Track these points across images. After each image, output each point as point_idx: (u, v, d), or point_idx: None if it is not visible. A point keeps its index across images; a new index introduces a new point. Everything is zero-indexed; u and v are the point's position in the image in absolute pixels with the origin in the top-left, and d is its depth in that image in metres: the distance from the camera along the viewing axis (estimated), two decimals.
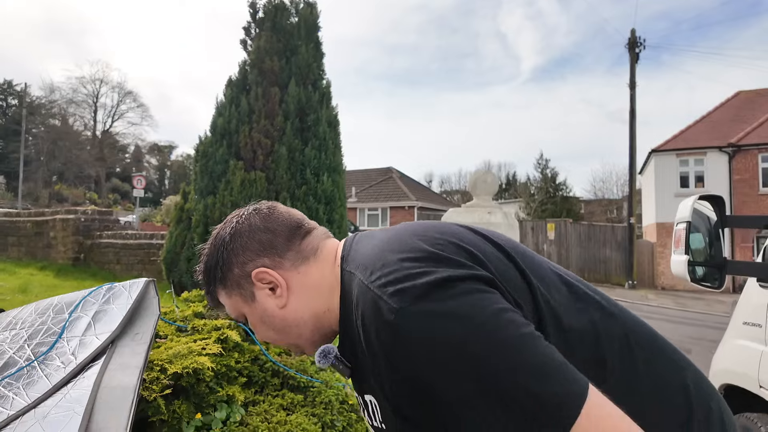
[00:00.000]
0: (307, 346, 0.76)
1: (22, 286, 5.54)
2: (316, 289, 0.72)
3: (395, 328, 0.53)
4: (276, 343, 0.79)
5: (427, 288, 0.54)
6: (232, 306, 0.76)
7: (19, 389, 1.80)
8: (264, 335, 0.77)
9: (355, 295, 0.63)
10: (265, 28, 3.09)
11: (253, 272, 0.71)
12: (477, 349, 0.51)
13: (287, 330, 0.74)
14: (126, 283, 2.14)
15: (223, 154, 2.86)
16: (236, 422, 2.10)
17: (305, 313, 0.72)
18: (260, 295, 0.72)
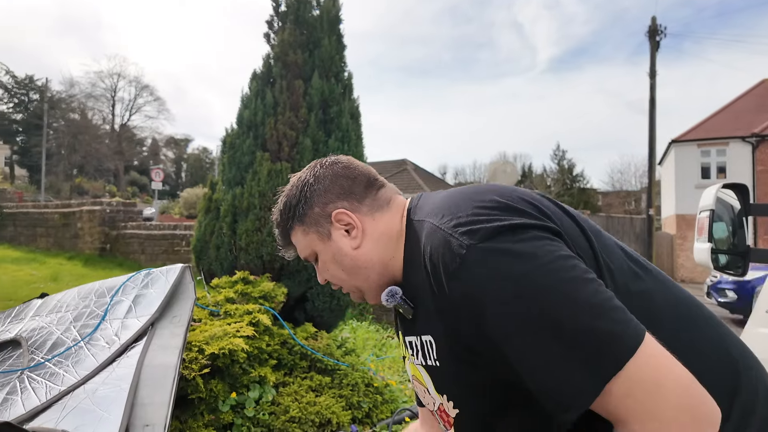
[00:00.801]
0: (371, 290, 0.79)
1: (53, 275, 5.75)
2: (386, 236, 0.76)
3: (464, 263, 0.57)
4: (341, 284, 0.81)
5: (497, 230, 0.57)
6: (306, 243, 0.80)
7: (69, 367, 1.91)
8: (332, 274, 0.80)
9: (423, 237, 0.66)
10: (289, 21, 3.14)
11: (333, 212, 0.76)
12: (540, 285, 0.54)
13: (356, 271, 0.77)
14: (163, 269, 2.25)
15: (249, 146, 2.94)
16: (268, 402, 2.20)
17: (374, 257, 0.76)
18: (336, 235, 0.77)
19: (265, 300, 2.65)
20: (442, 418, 0.77)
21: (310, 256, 0.82)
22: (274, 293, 2.71)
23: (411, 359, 0.80)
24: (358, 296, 0.82)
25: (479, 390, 0.67)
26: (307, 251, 0.81)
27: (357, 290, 0.81)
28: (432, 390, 0.76)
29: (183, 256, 6.23)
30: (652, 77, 14.35)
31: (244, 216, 2.95)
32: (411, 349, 0.78)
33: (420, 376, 0.79)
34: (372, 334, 4.06)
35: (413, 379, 0.84)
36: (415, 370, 0.81)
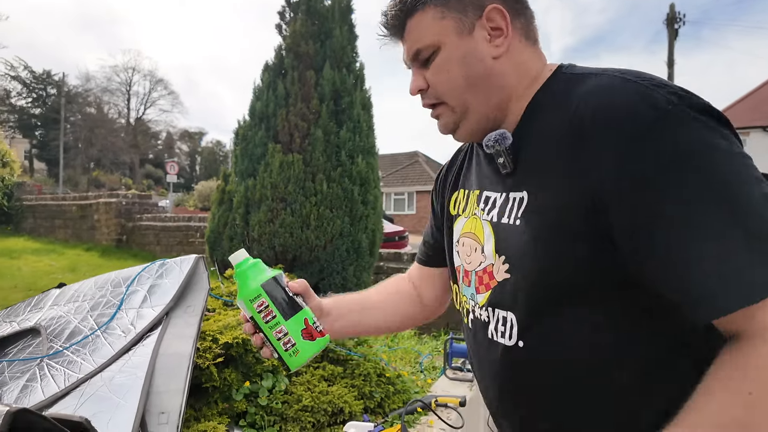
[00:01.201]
0: (477, 117, 0.68)
1: (71, 265, 5.87)
2: (525, 68, 0.67)
3: (667, 117, 0.50)
4: (443, 97, 0.69)
5: (707, 107, 0.52)
6: (434, 31, 0.67)
7: (86, 355, 1.95)
8: (448, 78, 0.67)
9: (590, 87, 0.57)
10: (301, 11, 3.12)
11: (489, 5, 0.65)
12: (740, 171, 0.49)
13: (480, 85, 0.66)
14: (177, 260, 2.27)
15: (261, 138, 2.94)
16: (281, 391, 2.22)
17: (507, 82, 0.66)
18: (479, 34, 0.65)
19: None
20: (479, 280, 0.70)
21: (425, 50, 0.68)
22: None
23: (477, 214, 0.72)
24: (450, 121, 0.71)
25: (556, 261, 0.58)
26: (428, 41, 0.67)
27: (455, 112, 0.69)
28: (489, 249, 0.67)
29: (197, 247, 6.31)
30: (670, 66, 14.05)
31: (257, 207, 2.96)
32: (484, 204, 0.70)
33: (479, 233, 0.70)
34: None
35: (464, 236, 0.75)
36: (473, 227, 0.72)
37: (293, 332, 0.72)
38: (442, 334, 3.99)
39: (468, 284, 0.74)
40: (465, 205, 0.78)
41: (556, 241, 0.58)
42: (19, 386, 1.85)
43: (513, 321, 0.64)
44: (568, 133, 0.57)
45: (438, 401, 2.25)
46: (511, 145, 0.65)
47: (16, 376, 1.94)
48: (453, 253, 0.80)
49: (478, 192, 0.73)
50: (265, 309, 0.72)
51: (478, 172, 0.76)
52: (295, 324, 0.73)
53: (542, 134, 0.62)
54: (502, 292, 0.66)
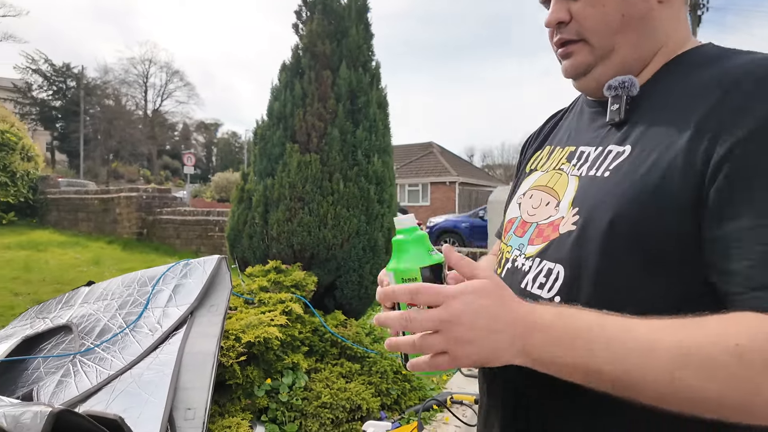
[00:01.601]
0: (619, 57, 0.62)
1: (95, 258, 6.03)
2: (679, 25, 0.63)
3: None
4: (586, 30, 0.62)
5: None
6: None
7: (116, 352, 2.04)
8: (603, 11, 0.61)
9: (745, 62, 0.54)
10: (317, 11, 3.14)
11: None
12: None
13: (632, 25, 0.61)
14: (201, 260, 2.35)
15: (279, 137, 2.99)
16: (301, 387, 2.29)
17: (658, 31, 0.61)
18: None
19: (296, 289, 2.73)
20: (539, 232, 0.65)
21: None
22: (305, 282, 2.79)
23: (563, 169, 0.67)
24: (584, 62, 0.64)
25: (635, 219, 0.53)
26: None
27: (595, 54, 0.63)
28: (565, 203, 0.63)
29: (216, 241, 6.43)
30: None
31: (275, 206, 3.02)
32: (577, 160, 0.66)
33: (560, 188, 0.66)
34: None
35: (534, 189, 0.71)
36: (553, 181, 0.68)
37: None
38: None
39: (520, 234, 0.68)
40: (546, 161, 0.73)
41: (642, 199, 0.53)
42: (55, 381, 1.95)
43: (560, 274, 0.59)
44: (707, 98, 0.53)
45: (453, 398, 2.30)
46: (634, 97, 0.60)
47: (51, 371, 2.04)
48: (511, 206, 0.76)
49: (573, 148, 0.69)
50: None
51: (575, 127, 0.71)
52: None
53: (673, 95, 0.57)
54: (558, 244, 0.60)
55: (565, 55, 0.65)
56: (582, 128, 0.70)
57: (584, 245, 0.57)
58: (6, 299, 3.86)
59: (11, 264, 5.22)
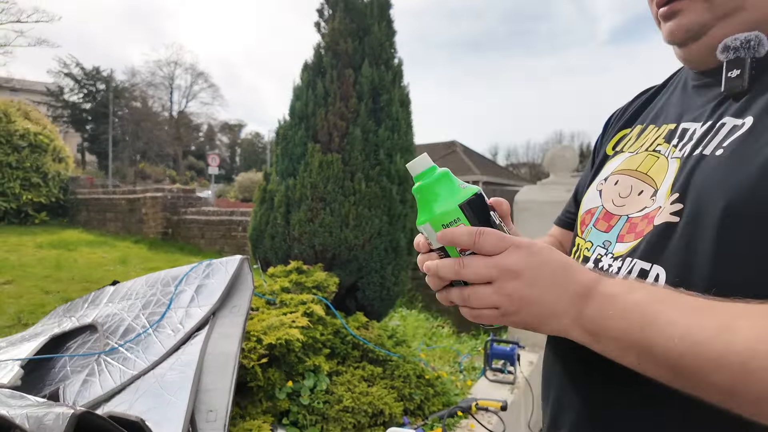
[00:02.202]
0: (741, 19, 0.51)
1: (122, 258, 6.16)
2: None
3: None
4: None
5: None
6: None
7: (139, 352, 2.05)
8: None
9: None
10: (339, 9, 3.11)
11: None
12: None
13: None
14: (223, 260, 2.34)
15: (301, 137, 2.97)
16: (322, 390, 2.25)
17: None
18: None
19: (318, 290, 2.70)
20: (631, 227, 0.55)
21: None
22: (327, 283, 2.75)
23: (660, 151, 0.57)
24: (698, 22, 0.52)
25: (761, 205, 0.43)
26: None
27: (713, 10, 0.51)
28: (664, 190, 0.53)
29: (239, 241, 6.49)
30: None
31: (297, 207, 3.00)
32: (678, 140, 0.55)
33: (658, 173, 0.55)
34: (422, 323, 4.07)
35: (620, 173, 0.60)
36: (646, 165, 0.57)
37: None
38: (481, 333, 3.95)
39: (606, 229, 0.58)
40: (635, 142, 0.63)
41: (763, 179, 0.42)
42: (80, 381, 1.96)
43: (659, 278, 0.48)
44: None
45: (479, 405, 2.22)
46: (759, 60, 0.48)
47: (77, 370, 2.05)
48: (589, 194, 0.65)
49: (672, 126, 0.58)
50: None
51: (676, 103, 0.60)
52: None
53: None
54: (656, 240, 0.50)
55: (669, 14, 0.54)
56: (685, 104, 0.58)
57: (692, 241, 0.46)
58: (37, 297, 3.95)
59: (43, 263, 5.36)
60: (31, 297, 3.96)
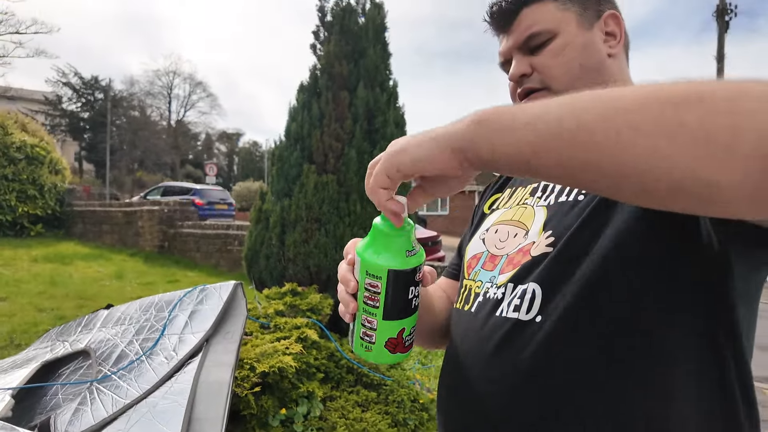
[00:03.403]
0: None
1: (118, 272, 6.13)
2: (626, 76, 0.71)
3: None
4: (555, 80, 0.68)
5: None
6: (553, 18, 0.68)
7: (132, 380, 2.04)
8: (565, 60, 0.67)
9: None
10: (334, 32, 3.14)
11: (608, 11, 0.69)
12: None
13: (589, 75, 0.67)
14: (217, 285, 2.34)
15: (297, 158, 2.98)
16: (316, 417, 2.24)
17: (609, 81, 0.68)
18: (597, 33, 0.68)
19: (312, 312, 2.70)
20: (509, 261, 0.66)
21: (541, 35, 0.68)
22: (321, 305, 2.75)
23: (528, 203, 0.71)
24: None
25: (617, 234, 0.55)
26: (546, 27, 0.68)
27: (551, 92, 0.68)
28: (535, 229, 0.65)
29: (235, 255, 6.47)
30: (719, 61, 13.34)
31: (292, 228, 3.01)
32: (541, 192, 0.70)
33: (527, 219, 0.68)
34: None
35: (499, 224, 0.73)
36: (519, 215, 0.71)
37: (380, 334, 0.61)
38: None
39: (491, 268, 0.69)
40: (507, 200, 0.77)
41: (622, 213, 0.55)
42: (72, 410, 1.95)
43: (536, 292, 0.59)
44: None
45: None
46: None
47: (69, 398, 2.04)
48: (473, 243, 0.76)
49: (536, 184, 0.72)
50: (374, 293, 0.59)
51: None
52: (388, 329, 0.61)
53: None
54: (530, 266, 0.61)
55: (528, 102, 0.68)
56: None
57: (559, 263, 0.58)
58: (30, 315, 3.93)
59: (38, 278, 5.34)
60: (25, 315, 3.94)
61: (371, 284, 0.57)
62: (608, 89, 0.41)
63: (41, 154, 9.17)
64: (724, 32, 13.55)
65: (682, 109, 0.35)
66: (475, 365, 0.62)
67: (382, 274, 0.54)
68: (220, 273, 6.41)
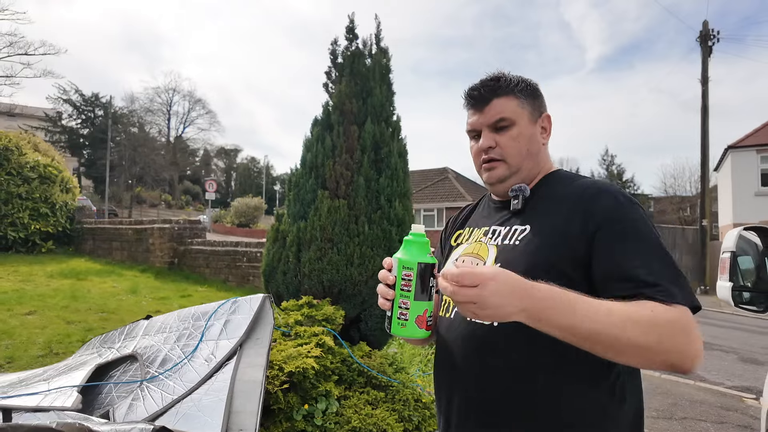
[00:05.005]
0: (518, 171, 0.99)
1: (132, 287, 6.44)
2: (547, 157, 1.04)
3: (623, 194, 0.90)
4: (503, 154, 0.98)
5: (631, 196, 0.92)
6: (513, 111, 0.97)
7: (177, 379, 2.38)
8: (513, 145, 0.97)
9: (588, 179, 0.96)
10: (345, 73, 3.55)
11: (545, 113, 1.03)
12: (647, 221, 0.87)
13: (532, 156, 0.99)
14: (247, 298, 2.69)
15: (312, 185, 3.36)
16: (333, 412, 2.58)
17: (541, 160, 1.01)
18: (537, 127, 1.00)
19: (327, 322, 3.05)
20: None
21: (505, 121, 0.97)
22: (335, 316, 3.10)
23: (482, 241, 1.01)
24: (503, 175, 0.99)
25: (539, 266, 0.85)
26: (510, 116, 0.97)
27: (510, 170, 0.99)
28: (489, 261, 0.95)
29: (244, 271, 6.80)
30: (704, 84, 13.90)
31: (307, 247, 3.37)
32: (492, 235, 1.00)
33: (483, 253, 0.98)
34: (418, 350, 4.39)
35: (465, 255, 1.02)
36: (477, 250, 1.00)
37: (412, 312, 0.84)
38: None
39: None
40: (468, 237, 1.07)
41: (541, 254, 0.87)
42: (127, 404, 2.29)
43: None
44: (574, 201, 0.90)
45: None
46: (526, 198, 0.98)
47: (123, 396, 2.38)
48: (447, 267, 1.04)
49: (486, 228, 1.02)
50: (408, 280, 0.83)
51: (485, 216, 1.07)
52: (417, 307, 0.84)
53: (550, 197, 0.96)
54: None
55: (489, 168, 1.01)
56: (491, 216, 1.06)
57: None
58: (61, 328, 4.25)
59: (59, 293, 5.65)
60: (56, 327, 4.25)
61: (406, 275, 0.84)
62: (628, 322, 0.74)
63: (53, 174, 9.53)
64: (708, 56, 14.14)
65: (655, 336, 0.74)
66: (457, 353, 0.94)
67: (414, 266, 0.83)
68: (229, 288, 6.74)
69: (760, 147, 15.48)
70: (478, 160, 1.03)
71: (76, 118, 40.00)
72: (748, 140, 15.94)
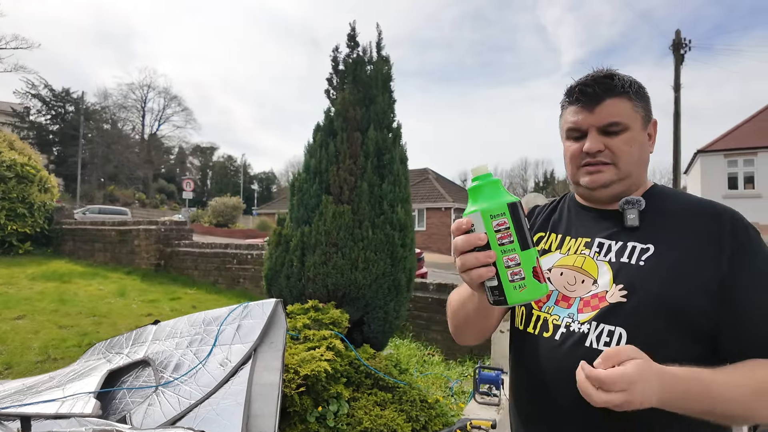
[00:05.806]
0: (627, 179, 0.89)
1: (119, 290, 6.34)
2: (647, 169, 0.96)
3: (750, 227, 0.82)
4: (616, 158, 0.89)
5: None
6: (628, 114, 0.88)
7: (193, 384, 2.41)
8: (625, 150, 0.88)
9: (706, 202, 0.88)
10: (348, 81, 3.62)
11: (654, 119, 0.93)
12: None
13: (641, 163, 0.90)
14: (259, 303, 2.73)
15: (316, 190, 3.42)
16: (344, 414, 2.65)
17: (646, 168, 0.94)
18: (646, 134, 0.91)
19: (333, 325, 3.12)
20: (585, 303, 0.84)
21: (619, 125, 0.88)
22: (341, 320, 3.17)
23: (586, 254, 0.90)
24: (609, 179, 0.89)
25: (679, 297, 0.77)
26: (624, 120, 0.88)
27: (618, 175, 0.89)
28: (605, 280, 0.84)
29: (234, 273, 6.77)
30: (676, 90, 14.44)
31: (312, 251, 3.43)
32: (598, 248, 0.89)
33: (591, 269, 0.88)
34: (414, 351, 4.50)
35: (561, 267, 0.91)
36: (580, 263, 0.89)
37: (525, 265, 0.67)
38: (467, 361, 4.41)
39: (567, 306, 0.86)
40: (559, 245, 0.95)
41: (677, 281, 0.78)
42: (144, 409, 2.32)
43: (622, 334, 0.78)
44: (705, 222, 0.83)
45: (473, 424, 2.69)
46: (641, 211, 0.88)
47: (138, 401, 2.40)
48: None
49: (588, 239, 0.91)
50: (505, 230, 0.66)
51: (580, 225, 0.95)
52: (528, 258, 0.67)
53: (670, 214, 0.87)
54: (609, 311, 0.80)
55: (594, 171, 0.90)
56: (587, 225, 0.94)
57: (638, 313, 0.79)
58: (54, 332, 4.18)
59: (46, 297, 5.53)
60: (48, 332, 4.18)
61: (499, 224, 0.66)
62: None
63: (31, 173, 9.26)
64: (680, 64, 14.69)
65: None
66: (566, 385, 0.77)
67: (505, 209, 0.65)
68: (219, 290, 6.69)
69: (728, 152, 16.20)
70: (577, 161, 0.92)
71: (45, 114, 38.66)
72: (717, 145, 16.64)
